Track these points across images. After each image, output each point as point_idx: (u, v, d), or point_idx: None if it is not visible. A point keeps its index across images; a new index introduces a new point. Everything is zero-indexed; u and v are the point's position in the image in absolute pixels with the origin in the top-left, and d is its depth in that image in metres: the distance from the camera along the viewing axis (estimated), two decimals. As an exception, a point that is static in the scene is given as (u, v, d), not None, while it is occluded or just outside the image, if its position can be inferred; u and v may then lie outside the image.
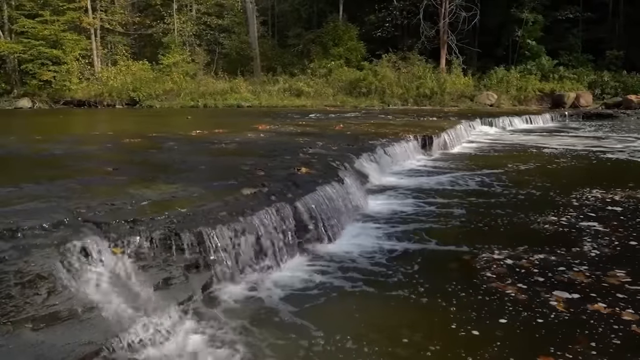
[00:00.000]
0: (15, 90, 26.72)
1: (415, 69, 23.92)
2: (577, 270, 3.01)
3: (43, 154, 5.42)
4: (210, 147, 6.20)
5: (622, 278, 2.87)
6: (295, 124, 10.59)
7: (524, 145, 9.87)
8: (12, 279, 2.01)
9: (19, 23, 26.33)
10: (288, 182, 3.82)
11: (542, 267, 3.06)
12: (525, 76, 22.78)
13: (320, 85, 24.59)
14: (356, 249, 3.46)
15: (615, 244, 3.49)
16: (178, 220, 2.70)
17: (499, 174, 6.35)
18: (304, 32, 29.48)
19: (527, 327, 2.33)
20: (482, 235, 3.81)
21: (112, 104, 24.99)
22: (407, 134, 8.08)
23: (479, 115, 14.02)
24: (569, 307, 2.52)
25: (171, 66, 26.90)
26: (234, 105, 23.34)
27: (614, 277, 2.88)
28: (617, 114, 17.21)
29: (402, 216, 4.32)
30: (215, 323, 2.38)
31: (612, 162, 7.61)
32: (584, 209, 4.48)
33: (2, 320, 1.93)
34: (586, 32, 24.49)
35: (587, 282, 2.82)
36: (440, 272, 3.03)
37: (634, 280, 2.83)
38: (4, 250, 2.09)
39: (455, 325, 2.36)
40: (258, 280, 2.87)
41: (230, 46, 29.97)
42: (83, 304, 2.15)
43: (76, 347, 2.03)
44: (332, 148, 6.05)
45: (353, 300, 2.68)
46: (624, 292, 2.69)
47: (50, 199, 2.94)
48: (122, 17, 30.56)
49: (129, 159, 5.02)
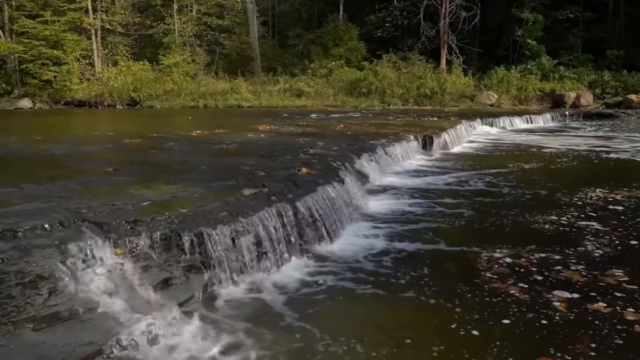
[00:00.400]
0: (16, 90, 26.74)
1: (415, 69, 23.93)
2: (580, 270, 3.01)
3: (43, 154, 5.42)
4: (211, 147, 6.20)
5: (624, 278, 2.87)
6: (296, 124, 10.60)
7: (524, 145, 9.87)
8: (13, 279, 2.01)
9: (20, 23, 26.35)
10: (288, 182, 3.82)
11: (544, 267, 3.05)
12: (525, 76, 22.79)
13: (320, 85, 24.61)
14: (356, 249, 3.46)
15: (617, 244, 3.49)
16: (179, 220, 2.71)
17: (500, 174, 6.35)
18: (305, 32, 29.50)
19: (529, 328, 2.32)
20: (483, 235, 3.80)
21: (113, 104, 25.01)
22: (407, 134, 8.08)
23: (479, 115, 14.02)
24: (571, 307, 2.51)
25: (172, 66, 26.92)
26: (235, 105, 23.36)
27: (614, 277, 2.88)
28: (618, 114, 17.21)
29: (402, 216, 4.32)
30: (216, 324, 2.38)
31: (615, 162, 7.61)
32: (587, 208, 4.47)
33: (3, 320, 1.94)
34: (586, 32, 24.49)
35: (589, 282, 2.82)
36: (442, 272, 3.03)
37: (636, 281, 2.82)
38: (5, 251, 2.09)
39: (456, 325, 2.36)
40: (258, 280, 2.87)
41: (230, 46, 30.00)
42: (84, 304, 2.15)
43: (77, 347, 2.03)
44: (332, 148, 6.05)
45: (354, 301, 2.68)
46: (626, 291, 2.69)
47: (51, 199, 2.94)
48: (122, 17, 30.59)
49: (130, 159, 5.02)
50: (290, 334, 2.30)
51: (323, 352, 2.14)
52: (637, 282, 2.80)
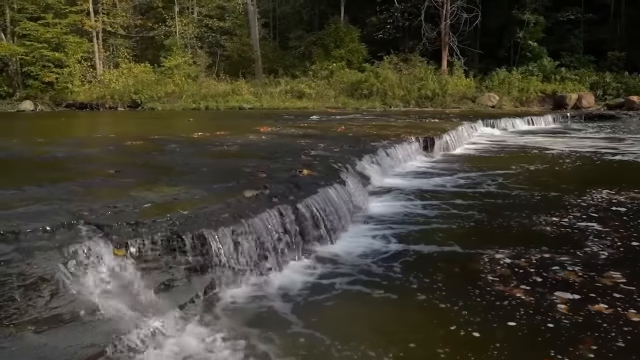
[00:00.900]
0: (18, 92, 26.80)
1: (416, 71, 23.95)
2: (583, 272, 3.00)
3: (45, 157, 5.43)
4: (212, 149, 6.20)
5: (627, 280, 2.86)
6: (297, 125, 10.60)
7: (526, 146, 9.86)
8: (15, 281, 2.01)
9: (21, 26, 26.42)
10: (290, 184, 3.82)
11: (547, 269, 3.04)
12: (526, 77, 22.78)
13: (321, 87, 24.63)
14: (358, 250, 3.46)
15: (620, 246, 3.48)
16: (180, 222, 2.70)
17: (501, 176, 6.34)
18: (306, 34, 29.54)
19: (533, 330, 2.31)
20: (485, 236, 3.80)
21: (114, 106, 25.07)
22: (408, 136, 8.08)
23: (480, 117, 14.02)
24: (574, 309, 2.50)
25: (173, 68, 26.96)
26: (236, 107, 23.39)
27: (616, 279, 2.87)
28: (619, 115, 17.20)
29: (403, 217, 4.32)
30: (217, 326, 2.38)
31: (618, 164, 7.60)
32: (591, 210, 4.46)
33: (5, 322, 1.93)
34: (588, 34, 24.50)
35: (591, 284, 2.81)
36: (444, 274, 3.02)
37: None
38: (7, 253, 2.09)
39: (460, 327, 2.35)
40: (260, 282, 2.86)
41: (231, 48, 30.05)
42: (85, 306, 2.15)
43: (79, 349, 2.03)
44: (333, 150, 6.05)
45: (355, 302, 2.67)
46: (629, 293, 2.68)
47: (53, 202, 2.94)
48: (124, 19, 30.65)
49: (131, 161, 5.03)
50: (292, 336, 2.29)
51: (325, 355, 2.14)
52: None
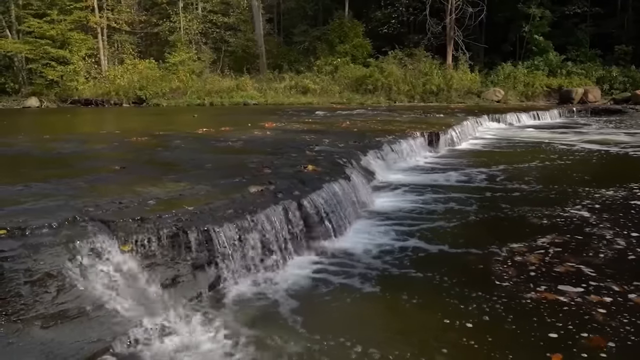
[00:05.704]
0: (23, 89, 26.90)
1: (421, 66, 23.80)
2: (590, 268, 2.99)
3: (51, 153, 5.45)
4: (217, 145, 6.21)
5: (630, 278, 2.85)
6: (302, 121, 10.58)
7: (531, 141, 9.80)
8: (22, 277, 2.02)
9: (26, 23, 26.49)
10: (294, 179, 3.82)
11: (551, 265, 3.04)
12: (532, 72, 22.60)
13: (326, 82, 24.54)
14: (362, 245, 3.46)
15: (631, 241, 3.46)
16: (185, 218, 2.71)
17: (506, 171, 6.32)
18: (310, 29, 29.43)
19: (539, 327, 2.31)
20: (489, 231, 3.79)
21: (119, 102, 25.09)
22: (413, 131, 8.05)
23: (485, 112, 13.95)
24: (580, 305, 2.50)
25: (177, 64, 26.94)
26: (240, 103, 23.36)
27: (626, 274, 2.87)
28: (626, 110, 17.05)
29: (408, 213, 4.31)
30: (223, 321, 2.39)
31: (627, 158, 7.55)
32: (600, 205, 4.44)
33: (12, 318, 1.95)
34: (594, 27, 24.25)
35: (601, 280, 2.81)
36: (447, 269, 3.02)
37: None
38: (14, 249, 2.11)
39: (461, 324, 2.35)
40: (265, 277, 2.88)
41: (236, 44, 30.00)
42: (92, 302, 2.17)
43: (85, 344, 2.04)
44: (338, 145, 6.04)
45: (359, 298, 2.68)
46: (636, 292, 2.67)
47: (59, 198, 2.95)
48: (128, 15, 30.64)
49: (136, 158, 5.04)
50: (296, 331, 2.30)
51: (328, 350, 2.14)
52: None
